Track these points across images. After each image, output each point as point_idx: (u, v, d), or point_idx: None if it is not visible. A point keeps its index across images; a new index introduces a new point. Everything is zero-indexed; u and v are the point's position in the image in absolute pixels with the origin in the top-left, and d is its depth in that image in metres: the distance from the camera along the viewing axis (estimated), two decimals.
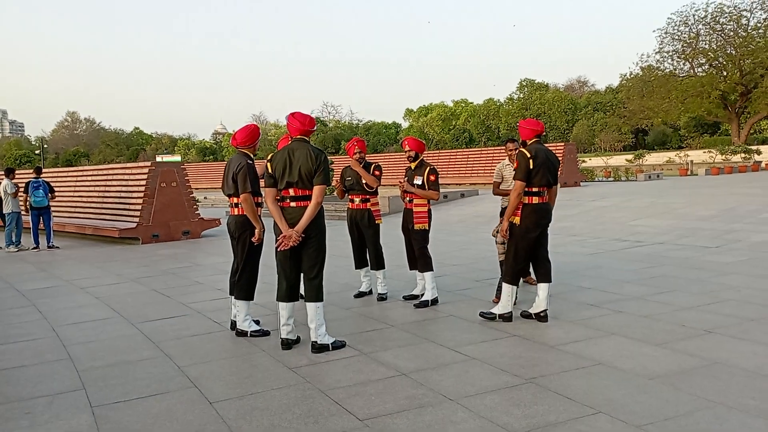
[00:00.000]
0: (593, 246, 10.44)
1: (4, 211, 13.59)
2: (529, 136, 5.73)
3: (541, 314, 5.65)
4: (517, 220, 5.65)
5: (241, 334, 5.61)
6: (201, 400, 4.10)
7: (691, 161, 32.97)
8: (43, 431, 3.70)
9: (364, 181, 6.62)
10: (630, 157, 38.21)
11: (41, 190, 12.97)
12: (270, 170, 5.04)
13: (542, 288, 5.69)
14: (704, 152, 38.30)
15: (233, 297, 5.67)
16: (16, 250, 13.12)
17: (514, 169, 5.82)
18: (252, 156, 5.67)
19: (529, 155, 5.53)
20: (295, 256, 5.06)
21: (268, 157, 5.10)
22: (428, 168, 6.38)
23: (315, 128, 5.20)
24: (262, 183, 5.28)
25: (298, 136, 5.07)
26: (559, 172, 6.07)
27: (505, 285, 5.77)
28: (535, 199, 5.61)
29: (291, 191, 4.99)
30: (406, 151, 6.50)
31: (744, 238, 10.20)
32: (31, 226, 13.32)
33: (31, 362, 5.12)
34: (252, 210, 5.38)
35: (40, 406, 4.12)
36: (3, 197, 13.52)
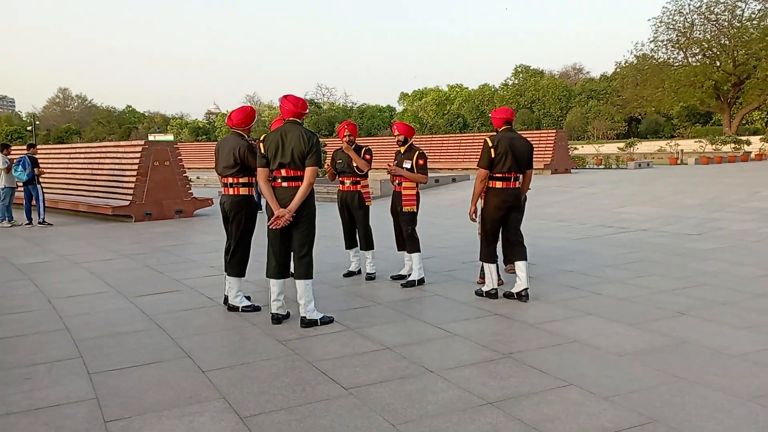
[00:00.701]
0: (579, 232, 10.68)
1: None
2: (499, 125, 6.04)
3: (522, 293, 5.88)
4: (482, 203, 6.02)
5: (233, 309, 5.80)
6: (194, 368, 4.30)
7: (682, 150, 33.27)
8: (43, 395, 3.89)
9: (354, 164, 6.79)
10: (621, 145, 38.48)
11: (20, 165, 12.98)
12: (263, 151, 5.20)
13: (520, 267, 5.93)
14: (695, 142, 38.64)
15: (226, 274, 5.86)
16: (9, 225, 13.22)
17: None
18: (246, 137, 5.83)
19: (491, 144, 5.85)
20: (286, 234, 5.24)
21: (261, 138, 5.25)
22: (417, 152, 6.56)
23: (307, 111, 5.36)
24: None
25: (291, 118, 5.22)
26: (534, 158, 6.32)
27: (483, 264, 6.04)
28: (499, 184, 5.91)
29: (283, 172, 5.15)
30: (395, 136, 6.68)
31: (725, 226, 10.47)
32: (24, 202, 13.41)
33: (28, 332, 5.30)
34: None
35: (40, 372, 4.31)
36: None
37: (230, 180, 5.70)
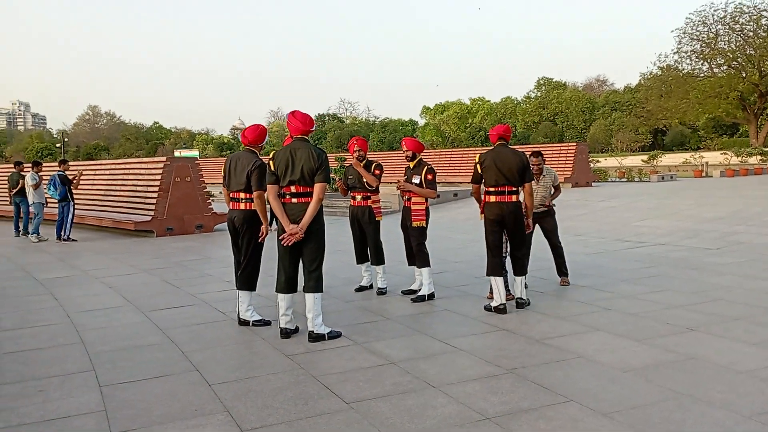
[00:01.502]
0: (596, 246, 10.61)
1: (29, 202, 14.20)
2: (494, 141, 6.27)
3: (519, 300, 6.19)
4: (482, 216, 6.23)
5: (244, 323, 5.89)
6: (201, 382, 4.39)
7: (706, 163, 32.81)
8: (54, 407, 4.01)
9: (364, 180, 6.88)
10: (645, 157, 38.04)
11: (52, 186, 13.34)
12: (272, 168, 5.30)
13: (517, 281, 6.19)
14: (721, 154, 38.03)
15: (237, 289, 5.95)
16: (37, 240, 13.56)
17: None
18: (258, 154, 5.96)
19: (477, 161, 6.16)
20: (296, 249, 5.33)
21: (270, 156, 5.37)
22: (426, 167, 6.63)
23: (314, 128, 5.47)
24: None
25: (299, 136, 5.33)
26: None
27: (491, 278, 6.11)
28: (493, 198, 6.09)
29: (293, 188, 5.25)
30: (404, 151, 6.77)
31: (746, 240, 10.32)
32: (57, 218, 13.75)
33: (45, 345, 5.45)
34: (263, 207, 5.67)
35: (53, 385, 4.43)
36: (27, 188, 14.06)
37: (242, 195, 5.81)
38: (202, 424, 3.66)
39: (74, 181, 13.69)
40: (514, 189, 6.05)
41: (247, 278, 5.84)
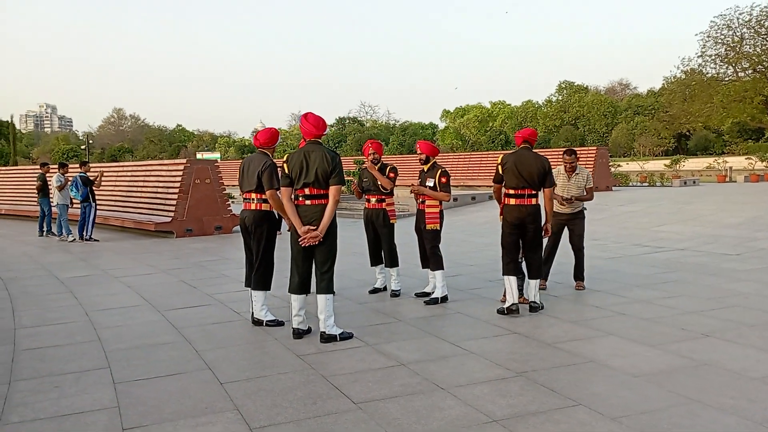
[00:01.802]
0: (613, 251, 10.52)
1: (50, 203, 14.50)
2: (518, 143, 6.34)
3: (532, 303, 6.18)
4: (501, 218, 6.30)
5: (258, 323, 5.95)
6: (213, 381, 4.45)
7: (730, 167, 32.32)
8: (69, 403, 4.09)
9: (379, 183, 6.92)
10: (667, 162, 37.60)
11: (74, 187, 13.58)
12: (287, 171, 5.36)
13: (531, 284, 6.20)
14: (745, 158, 37.45)
15: (251, 289, 6.02)
16: (71, 240, 13.79)
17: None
18: (271, 156, 6.02)
19: (499, 162, 6.25)
20: (309, 251, 5.37)
21: (285, 158, 5.42)
22: (440, 170, 6.65)
23: (326, 131, 5.52)
24: None
25: (312, 139, 5.38)
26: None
27: (504, 279, 6.12)
28: (513, 201, 6.15)
29: (307, 191, 5.30)
30: (418, 155, 6.80)
31: (766, 246, 10.15)
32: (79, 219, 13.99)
33: (63, 342, 5.55)
34: (279, 205, 5.72)
35: (69, 381, 4.52)
36: (52, 189, 14.37)
37: (253, 195, 5.89)
38: (212, 422, 3.71)
39: (95, 182, 13.94)
40: (533, 192, 6.09)
41: (261, 278, 5.90)
